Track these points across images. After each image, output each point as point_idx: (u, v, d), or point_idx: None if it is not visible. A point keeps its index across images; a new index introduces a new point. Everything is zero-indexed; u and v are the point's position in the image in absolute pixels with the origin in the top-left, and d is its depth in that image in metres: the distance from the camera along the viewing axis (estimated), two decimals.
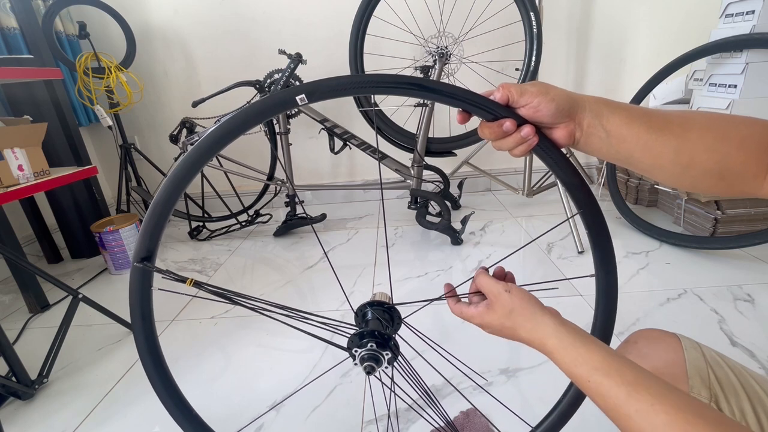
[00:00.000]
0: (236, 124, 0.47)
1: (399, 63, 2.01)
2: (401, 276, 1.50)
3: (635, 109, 0.43)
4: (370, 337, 0.53)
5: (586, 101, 0.43)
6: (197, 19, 2.13)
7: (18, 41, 1.75)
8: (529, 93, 0.43)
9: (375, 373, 0.52)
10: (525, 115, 0.44)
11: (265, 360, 1.13)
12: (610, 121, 0.42)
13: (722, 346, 1.03)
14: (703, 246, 1.48)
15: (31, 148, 1.38)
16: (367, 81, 0.45)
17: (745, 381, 0.46)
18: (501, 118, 0.44)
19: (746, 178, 0.40)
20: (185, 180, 0.49)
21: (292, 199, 1.97)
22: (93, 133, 2.35)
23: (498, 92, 0.44)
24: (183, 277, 0.54)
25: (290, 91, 0.45)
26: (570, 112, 0.43)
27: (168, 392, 0.60)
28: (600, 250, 0.51)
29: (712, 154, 0.40)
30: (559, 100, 0.42)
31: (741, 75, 1.40)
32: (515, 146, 0.45)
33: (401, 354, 0.56)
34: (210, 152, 0.48)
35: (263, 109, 0.47)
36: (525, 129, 0.44)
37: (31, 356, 1.14)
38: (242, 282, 1.58)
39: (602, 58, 2.18)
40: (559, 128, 0.44)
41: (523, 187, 1.94)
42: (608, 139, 0.43)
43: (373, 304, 0.57)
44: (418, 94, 0.45)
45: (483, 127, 0.46)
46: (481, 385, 0.97)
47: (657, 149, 0.41)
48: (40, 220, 1.84)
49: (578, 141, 0.44)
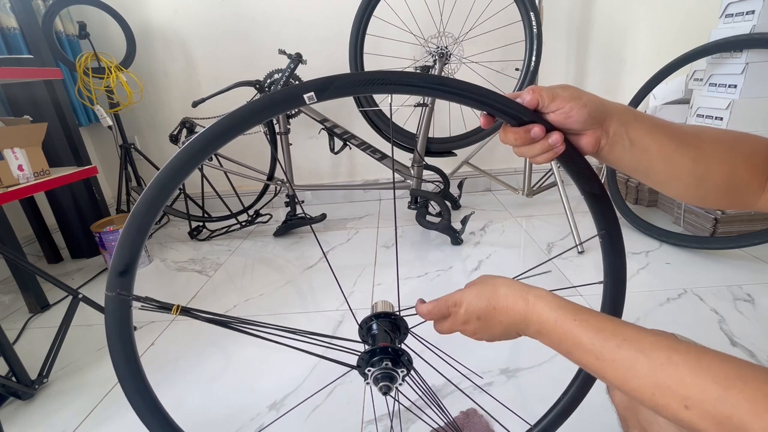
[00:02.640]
0: (237, 121, 0.42)
1: (399, 63, 2.01)
2: (401, 276, 1.50)
3: (655, 119, 0.42)
4: (382, 354, 0.49)
5: (616, 109, 0.42)
6: (197, 19, 2.13)
7: (18, 41, 1.75)
8: (561, 98, 0.41)
9: (391, 393, 0.49)
10: (554, 120, 0.42)
11: (265, 360, 1.13)
12: (635, 129, 0.41)
13: (722, 346, 1.03)
14: (703, 246, 1.48)
15: (31, 148, 1.38)
16: (388, 79, 0.41)
17: None
18: (527, 123, 0.42)
19: (749, 191, 0.41)
20: (183, 173, 0.44)
21: (292, 199, 1.97)
22: (93, 133, 2.35)
23: (528, 95, 0.42)
24: (168, 305, 0.48)
25: (300, 87, 0.40)
26: (599, 119, 0.41)
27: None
28: (612, 259, 0.50)
29: (723, 166, 0.41)
30: (591, 106, 0.41)
31: (741, 75, 1.40)
32: (540, 153, 0.43)
33: (414, 367, 0.53)
34: (211, 147, 0.44)
35: (272, 103, 0.42)
36: (554, 136, 0.41)
37: (31, 356, 1.14)
38: (242, 282, 1.58)
39: (602, 58, 2.18)
40: (586, 135, 0.42)
41: (523, 187, 1.94)
42: (632, 148, 0.42)
43: (379, 316, 0.54)
44: (444, 95, 0.41)
45: (507, 132, 0.43)
46: (481, 385, 0.97)
47: (677, 159, 0.41)
48: (40, 220, 1.84)
49: (602, 149, 0.43)
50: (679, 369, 0.30)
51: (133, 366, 0.47)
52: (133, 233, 0.44)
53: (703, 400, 0.28)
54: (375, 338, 0.53)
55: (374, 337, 0.53)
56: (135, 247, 0.44)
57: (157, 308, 0.47)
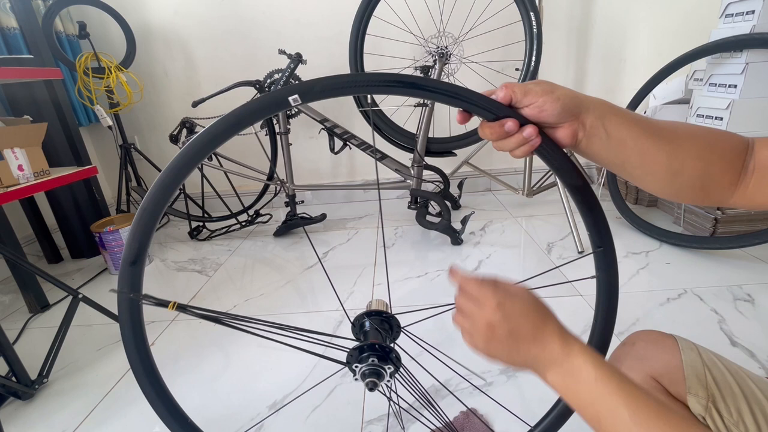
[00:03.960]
0: (227, 126, 0.45)
1: (399, 63, 2.01)
2: (401, 276, 1.50)
3: (632, 113, 0.43)
4: (370, 351, 0.50)
5: (592, 102, 0.43)
6: (197, 19, 2.13)
7: (18, 41, 1.75)
8: (534, 92, 0.42)
9: (378, 389, 0.50)
10: (528, 115, 0.43)
11: (265, 360, 1.13)
12: (612, 122, 0.42)
13: (722, 346, 1.03)
14: (703, 246, 1.48)
15: (31, 148, 1.38)
16: (364, 80, 0.43)
17: (742, 381, 0.47)
18: (502, 118, 0.43)
19: (723, 187, 0.42)
20: (180, 177, 0.47)
21: (292, 199, 1.97)
22: (93, 133, 2.35)
23: (501, 91, 0.43)
24: (165, 301, 0.51)
25: (282, 92, 0.43)
26: (574, 111, 0.42)
27: (170, 412, 0.58)
28: (601, 251, 0.51)
29: (698, 162, 0.41)
30: (564, 99, 0.41)
31: (741, 75, 1.40)
32: (517, 147, 0.44)
33: (402, 365, 0.53)
34: (204, 152, 0.46)
35: (255, 111, 0.45)
36: (527, 129, 0.43)
37: (31, 356, 1.13)
38: (242, 282, 1.58)
39: (602, 58, 2.18)
40: (562, 128, 0.43)
41: (523, 187, 1.94)
42: (608, 141, 0.42)
43: (371, 314, 0.54)
44: (418, 93, 0.44)
45: (484, 127, 0.45)
46: (480, 386, 0.97)
47: (652, 153, 0.42)
48: (40, 220, 1.84)
49: (580, 142, 0.43)
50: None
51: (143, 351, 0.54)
52: (145, 221, 0.48)
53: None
54: (366, 336, 0.53)
55: (366, 334, 0.54)
56: (144, 239, 0.48)
57: (155, 304, 0.51)
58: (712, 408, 0.46)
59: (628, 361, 0.54)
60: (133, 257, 0.49)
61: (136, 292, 0.50)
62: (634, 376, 0.53)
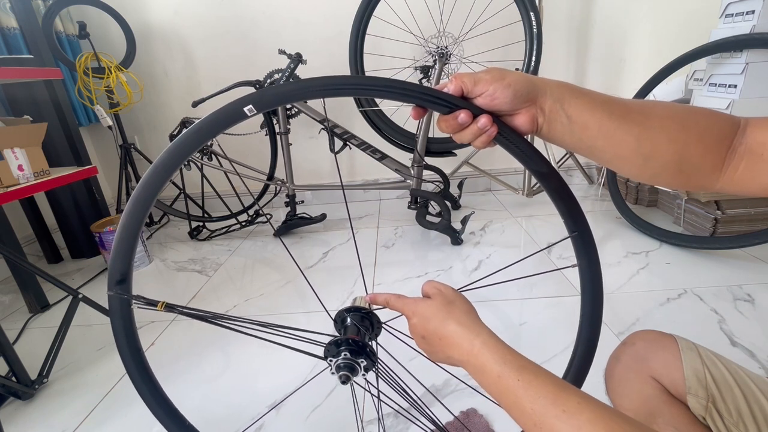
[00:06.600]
0: (186, 143, 0.45)
1: (399, 63, 2.01)
2: (401, 276, 1.51)
3: (598, 95, 0.42)
4: (345, 345, 0.50)
5: (548, 85, 0.42)
6: (197, 19, 2.13)
7: (18, 41, 1.75)
8: (484, 81, 0.41)
9: (350, 382, 0.50)
10: (482, 104, 0.42)
11: (265, 360, 1.13)
12: (572, 105, 0.41)
13: (722, 346, 1.03)
14: (703, 246, 1.48)
15: (31, 148, 1.38)
16: (311, 86, 0.43)
17: (741, 381, 0.47)
18: (456, 110, 0.42)
19: (704, 171, 0.40)
20: (151, 196, 0.47)
21: (292, 199, 1.97)
22: (93, 133, 2.35)
23: (451, 84, 0.42)
24: (154, 301, 0.52)
25: (237, 103, 0.43)
26: (529, 96, 0.41)
27: (166, 413, 0.60)
28: (577, 235, 0.51)
29: (672, 145, 0.39)
30: (516, 85, 0.40)
31: (741, 75, 1.40)
32: (474, 138, 0.43)
33: (380, 361, 0.53)
34: (169, 170, 0.46)
35: (214, 123, 0.45)
36: (481, 119, 0.42)
37: (31, 356, 1.13)
38: (242, 282, 1.58)
39: (602, 58, 2.18)
40: (520, 114, 0.42)
41: (523, 187, 1.94)
42: (570, 125, 0.41)
43: (350, 310, 0.55)
44: (366, 93, 0.43)
45: (440, 121, 0.44)
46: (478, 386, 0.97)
47: (618, 137, 0.40)
48: (40, 220, 1.84)
49: (541, 127, 0.42)
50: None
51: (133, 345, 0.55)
52: (125, 240, 0.48)
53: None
54: (347, 331, 0.53)
55: (346, 329, 0.54)
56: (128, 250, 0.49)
57: (145, 304, 0.52)
58: (712, 408, 0.46)
59: (628, 362, 0.54)
60: (121, 275, 0.50)
61: (126, 293, 0.50)
62: (634, 376, 0.53)
